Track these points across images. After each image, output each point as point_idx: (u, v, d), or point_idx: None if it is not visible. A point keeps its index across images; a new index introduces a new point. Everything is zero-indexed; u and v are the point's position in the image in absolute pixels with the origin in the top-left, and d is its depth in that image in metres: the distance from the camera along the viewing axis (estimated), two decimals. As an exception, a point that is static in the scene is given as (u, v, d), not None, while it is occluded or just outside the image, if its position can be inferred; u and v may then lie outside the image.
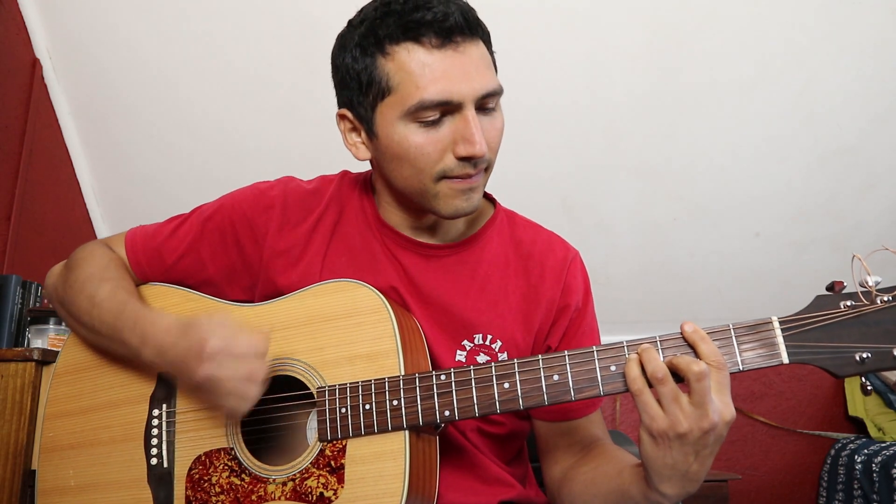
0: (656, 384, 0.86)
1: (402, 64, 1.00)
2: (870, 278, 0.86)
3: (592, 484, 1.07)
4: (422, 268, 1.14)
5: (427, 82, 0.99)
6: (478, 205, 1.08)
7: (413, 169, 1.04)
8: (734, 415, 0.87)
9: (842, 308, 0.88)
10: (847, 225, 3.19)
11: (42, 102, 2.75)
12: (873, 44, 2.79)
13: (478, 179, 1.05)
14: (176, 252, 1.18)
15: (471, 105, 1.01)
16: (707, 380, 0.84)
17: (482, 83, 1.01)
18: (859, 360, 0.86)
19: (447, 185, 1.04)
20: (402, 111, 1.01)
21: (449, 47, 1.00)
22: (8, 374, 1.80)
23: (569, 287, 1.16)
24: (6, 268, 2.48)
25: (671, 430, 0.85)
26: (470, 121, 1.00)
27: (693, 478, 0.89)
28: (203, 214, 1.20)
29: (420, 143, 1.01)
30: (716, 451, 0.88)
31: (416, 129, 1.01)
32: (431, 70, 0.99)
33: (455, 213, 1.06)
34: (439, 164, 1.02)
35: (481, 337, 1.12)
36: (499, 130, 1.07)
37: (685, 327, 0.89)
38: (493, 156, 1.07)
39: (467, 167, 1.02)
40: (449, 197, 1.05)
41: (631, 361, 0.89)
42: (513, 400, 0.94)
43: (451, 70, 0.99)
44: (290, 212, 1.17)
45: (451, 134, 1.01)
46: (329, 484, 0.98)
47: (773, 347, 0.88)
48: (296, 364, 1.05)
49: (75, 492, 1.13)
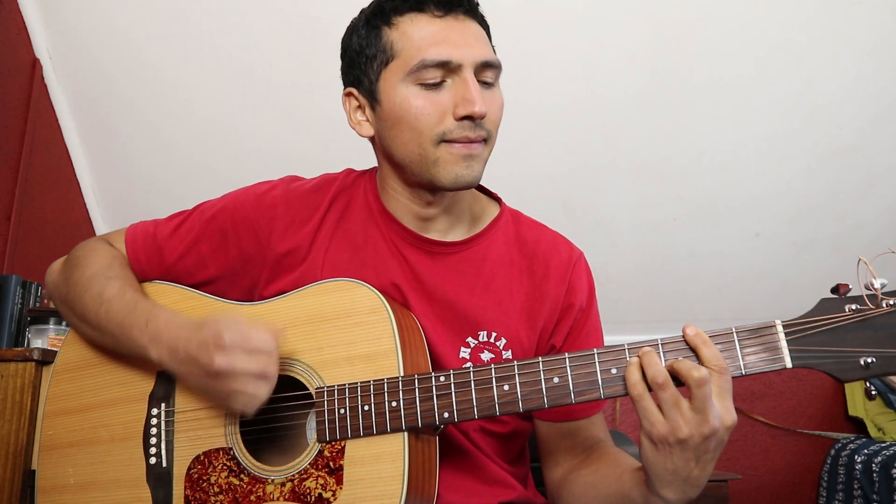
0: (657, 389, 0.86)
1: (405, 31, 1.06)
2: (875, 281, 0.85)
3: (592, 487, 1.07)
4: (427, 264, 1.14)
5: (429, 44, 1.04)
6: (478, 176, 1.08)
7: (413, 132, 1.05)
8: (735, 419, 0.86)
9: (846, 312, 0.86)
10: (847, 225, 3.18)
11: (42, 102, 2.75)
12: (873, 44, 2.78)
13: (478, 147, 1.06)
14: (177, 251, 1.18)
15: (470, 69, 1.05)
16: (708, 385, 0.84)
17: (481, 51, 1.06)
18: (864, 365, 0.84)
19: (447, 150, 1.05)
20: (405, 72, 1.05)
21: (450, 16, 1.06)
22: (8, 374, 1.80)
23: (573, 287, 1.17)
24: (6, 268, 2.48)
25: (671, 435, 0.85)
26: (469, 82, 1.04)
27: (694, 483, 0.89)
28: (205, 214, 1.20)
29: (421, 105, 1.05)
30: (717, 455, 0.88)
31: (418, 91, 1.05)
32: (433, 34, 1.05)
33: (455, 181, 1.06)
34: (439, 125, 1.04)
35: (486, 334, 1.12)
36: (498, 105, 1.10)
37: (687, 330, 0.89)
38: (492, 128, 1.09)
39: (467, 129, 1.04)
40: (449, 163, 1.06)
41: (631, 365, 0.89)
42: (512, 402, 0.94)
43: (452, 34, 1.05)
44: (294, 212, 1.17)
45: (451, 97, 1.05)
46: (328, 485, 0.98)
47: (776, 352, 0.87)
48: (295, 364, 1.05)
49: (75, 490, 1.13)
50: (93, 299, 1.12)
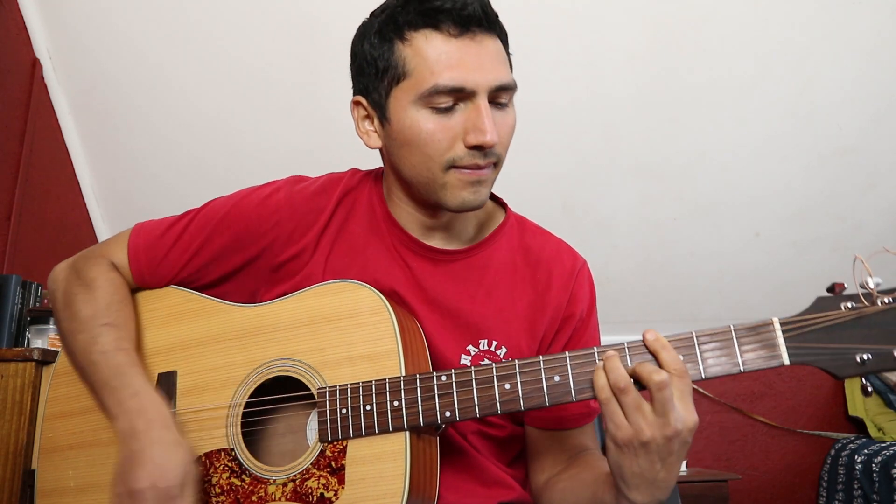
0: (618, 394, 0.87)
1: (418, 49, 1.02)
2: (870, 280, 0.86)
3: (569, 492, 1.07)
4: (429, 271, 1.14)
5: (442, 68, 1.00)
6: (485, 199, 1.07)
7: (422, 156, 1.03)
8: (697, 421, 0.87)
9: (842, 309, 0.87)
10: (847, 225, 3.19)
11: (42, 102, 2.75)
12: (873, 44, 2.79)
13: (486, 173, 1.04)
14: (179, 262, 1.17)
15: (484, 95, 1.01)
16: (669, 388, 0.85)
17: (496, 75, 1.02)
18: (860, 362, 0.86)
19: (455, 176, 1.03)
20: (416, 95, 1.01)
21: (466, 36, 1.01)
22: (8, 374, 1.80)
23: (575, 296, 1.16)
24: (6, 268, 2.48)
25: (635, 438, 0.86)
26: (482, 110, 1.00)
27: (662, 485, 0.89)
28: (207, 221, 1.17)
29: (431, 130, 1.02)
30: (682, 456, 0.89)
31: (429, 115, 1.02)
32: (448, 57, 1.00)
33: (462, 205, 1.05)
34: (449, 152, 1.02)
35: (486, 342, 1.12)
36: (510, 127, 1.07)
37: (647, 336, 0.90)
38: (502, 151, 1.06)
39: (477, 157, 1.02)
40: (456, 188, 1.04)
41: (598, 369, 0.90)
42: (514, 401, 0.94)
43: (467, 58, 1.01)
44: (298, 217, 1.16)
45: (462, 122, 1.02)
46: (330, 485, 0.98)
47: (773, 349, 0.88)
48: (296, 365, 1.05)
49: (75, 493, 1.13)
50: (86, 342, 1.11)
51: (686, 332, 0.91)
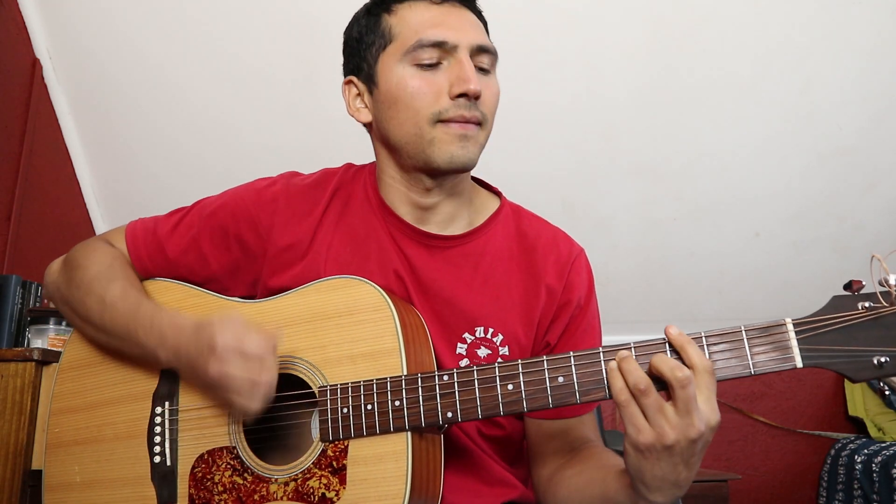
0: (639, 396, 0.83)
1: (403, 16, 1.10)
2: (890, 278, 0.82)
3: (577, 490, 1.06)
4: (424, 258, 1.14)
5: (426, 27, 1.07)
6: (474, 158, 1.09)
7: (409, 111, 1.07)
8: (719, 419, 0.83)
9: (859, 309, 0.83)
10: (847, 225, 3.19)
11: (42, 102, 2.75)
12: (873, 44, 2.79)
13: (473, 129, 1.07)
14: (178, 247, 1.18)
15: (465, 50, 1.07)
16: (692, 386, 0.81)
17: (478, 36, 1.10)
18: (877, 364, 0.81)
19: (442, 130, 1.06)
20: (402, 53, 1.08)
21: (448, 4, 1.10)
22: (8, 374, 1.79)
23: (571, 283, 1.16)
24: (6, 268, 2.48)
25: (658, 442, 0.82)
26: (464, 62, 1.06)
27: (683, 484, 0.87)
28: (205, 210, 1.19)
29: (417, 85, 1.07)
30: (703, 454, 0.86)
31: (414, 71, 1.07)
32: (431, 17, 1.08)
33: (451, 160, 1.07)
34: (435, 105, 1.06)
35: (482, 330, 1.12)
36: (493, 92, 1.11)
37: (670, 330, 0.86)
38: (488, 113, 1.10)
39: (462, 108, 1.05)
40: (444, 143, 1.06)
41: (613, 371, 0.86)
42: (516, 402, 0.93)
43: (449, 18, 1.09)
44: (294, 206, 1.17)
45: (446, 77, 1.07)
46: (331, 485, 0.98)
47: (786, 351, 0.84)
48: (298, 362, 1.04)
49: (81, 488, 1.13)
50: (96, 302, 1.12)
51: (695, 332, 0.88)
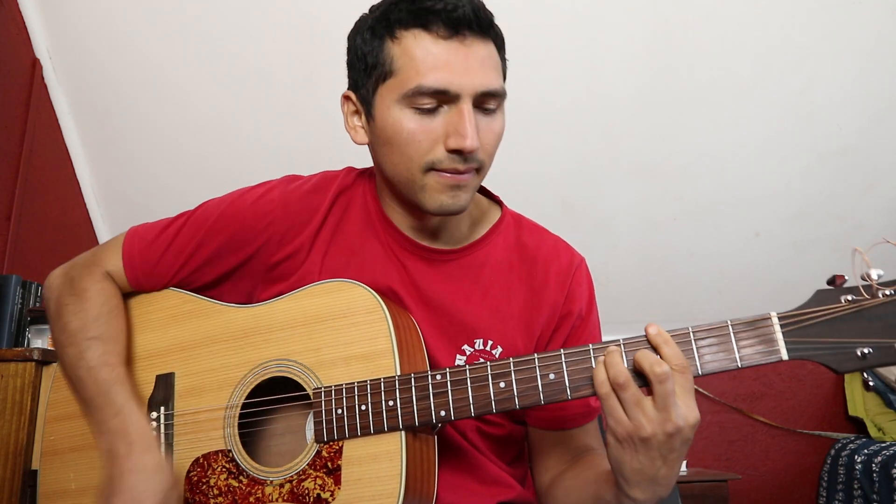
0: (618, 389, 0.85)
1: (406, 48, 1.01)
2: (871, 271, 0.84)
3: (573, 490, 1.07)
4: (424, 271, 1.13)
5: (428, 69, 0.99)
6: (465, 205, 1.06)
7: (403, 156, 1.03)
8: (699, 418, 0.85)
9: (842, 302, 0.85)
10: (847, 225, 3.19)
11: (42, 102, 2.75)
12: (873, 44, 2.78)
13: (466, 178, 1.03)
14: (174, 266, 1.17)
15: (468, 99, 1.00)
16: (669, 382, 0.83)
17: (483, 80, 1.00)
18: (860, 356, 0.84)
19: (434, 178, 1.02)
20: (400, 94, 1.01)
21: (456, 39, 1.00)
22: (8, 374, 1.80)
23: (572, 294, 1.15)
24: (6, 268, 2.48)
25: (635, 434, 0.85)
26: (465, 114, 0.99)
27: (662, 482, 0.88)
28: (202, 224, 1.17)
29: (412, 130, 1.01)
30: (684, 453, 0.87)
31: (411, 115, 1.01)
32: (434, 58, 0.99)
33: (440, 208, 1.04)
34: (429, 154, 1.01)
35: (482, 342, 1.11)
36: (496, 134, 1.05)
37: (649, 329, 0.88)
38: (486, 158, 1.05)
39: (456, 161, 1.01)
40: (435, 191, 1.03)
41: (599, 364, 0.88)
42: (509, 399, 0.93)
43: (454, 61, 0.99)
44: (293, 216, 1.15)
45: (444, 125, 1.00)
46: (326, 485, 0.98)
47: (771, 343, 0.86)
48: (292, 365, 1.05)
49: (76, 495, 1.13)
50: (74, 357, 1.12)
51: (682, 327, 0.90)
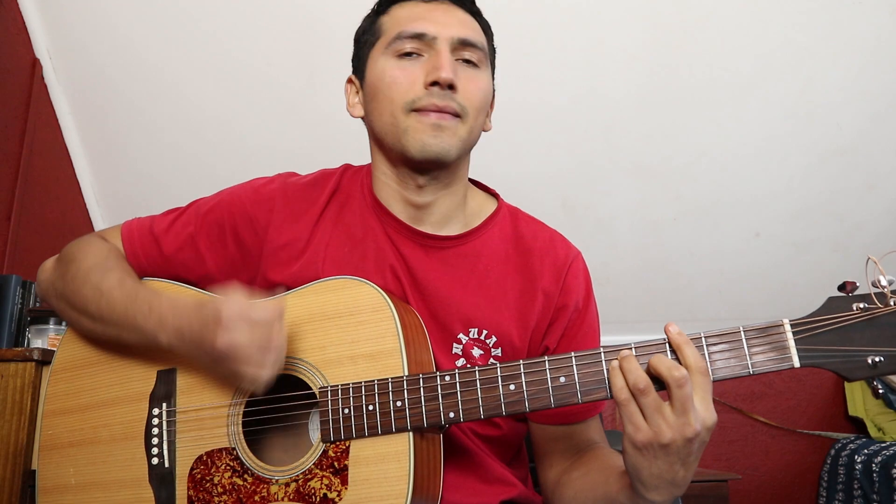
0: (638, 395, 0.85)
1: (393, 15, 1.14)
2: (883, 279, 0.84)
3: (582, 491, 1.07)
4: (420, 258, 1.14)
5: (408, 21, 1.11)
6: (449, 149, 1.08)
7: (387, 101, 1.09)
8: (716, 420, 0.85)
9: (854, 310, 0.85)
10: (847, 225, 3.19)
11: (42, 102, 2.75)
12: (873, 44, 2.79)
13: (448, 119, 1.07)
14: (174, 245, 1.18)
15: (445, 42, 1.09)
16: (688, 385, 0.83)
17: (460, 29, 1.10)
18: (871, 364, 0.84)
19: (415, 118, 1.07)
20: (384, 46, 1.11)
21: (434, 2, 1.13)
22: (8, 374, 1.79)
23: (568, 286, 1.16)
24: (6, 268, 2.47)
25: (655, 440, 0.84)
26: (442, 52, 1.08)
27: (681, 483, 0.88)
28: (201, 208, 1.19)
29: (395, 74, 1.09)
30: (700, 454, 0.88)
31: (395, 62, 1.10)
32: (416, 13, 1.12)
33: (422, 148, 1.07)
34: (409, 93, 1.07)
35: (476, 331, 1.12)
36: (478, 87, 1.11)
37: (670, 329, 0.88)
38: (468, 105, 1.09)
39: (434, 96, 1.06)
40: (417, 131, 1.07)
41: (615, 370, 0.88)
42: (518, 402, 0.93)
43: (433, 13, 1.11)
44: (292, 204, 1.17)
45: (423, 67, 1.08)
46: (333, 485, 0.98)
47: (784, 351, 0.86)
48: (298, 363, 1.04)
49: (76, 490, 1.13)
50: (92, 291, 1.11)
51: (695, 332, 0.89)
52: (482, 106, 1.12)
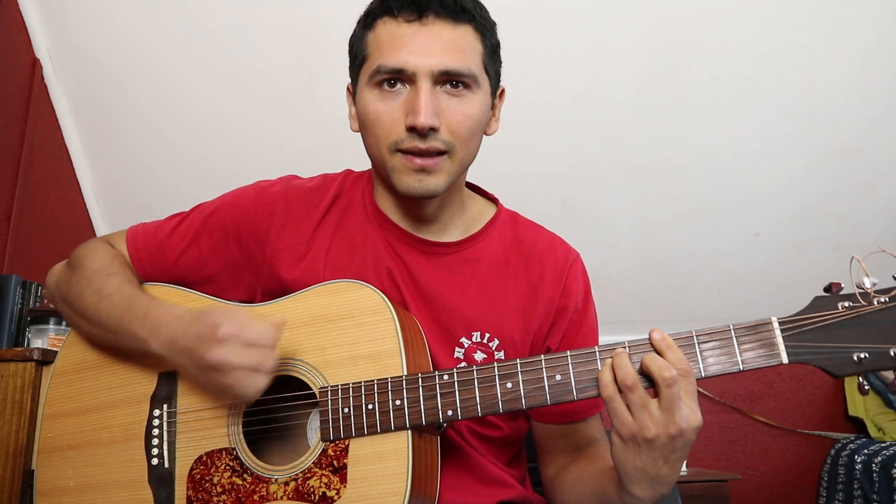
0: (625, 391, 0.88)
1: (377, 34, 1.07)
2: (867, 279, 0.88)
3: (578, 484, 1.09)
4: (422, 264, 1.14)
5: (388, 50, 1.04)
6: (435, 189, 1.06)
7: (373, 137, 1.07)
8: (701, 421, 0.88)
9: (840, 309, 0.89)
10: (847, 225, 3.19)
11: (42, 102, 2.75)
12: (873, 44, 2.79)
13: (432, 162, 1.04)
14: (178, 249, 1.18)
15: (425, 77, 1.02)
16: (677, 386, 0.86)
17: (441, 60, 1.03)
18: (857, 361, 0.87)
19: (400, 160, 1.05)
20: (367, 77, 1.06)
21: (420, 22, 1.04)
22: (8, 374, 1.80)
23: (568, 289, 1.16)
24: (6, 268, 2.48)
25: (639, 434, 0.87)
26: (420, 91, 1.02)
27: (664, 480, 0.90)
28: (204, 212, 1.20)
29: (377, 111, 1.05)
30: (685, 454, 0.90)
31: (376, 96, 1.05)
32: (396, 39, 1.04)
33: (407, 190, 1.06)
34: (392, 134, 1.04)
35: (479, 335, 1.12)
36: (464, 115, 1.05)
37: (653, 335, 0.91)
38: (454, 140, 1.05)
39: (415, 140, 1.03)
40: (402, 173, 1.05)
41: (605, 366, 0.90)
42: (515, 399, 0.94)
43: (413, 42, 1.03)
44: (293, 208, 1.18)
45: (403, 105, 1.04)
46: (332, 483, 0.98)
47: (772, 347, 0.89)
48: (298, 364, 1.05)
49: (74, 492, 1.12)
50: (92, 295, 1.12)
51: (686, 331, 0.92)
52: (472, 133, 1.08)
